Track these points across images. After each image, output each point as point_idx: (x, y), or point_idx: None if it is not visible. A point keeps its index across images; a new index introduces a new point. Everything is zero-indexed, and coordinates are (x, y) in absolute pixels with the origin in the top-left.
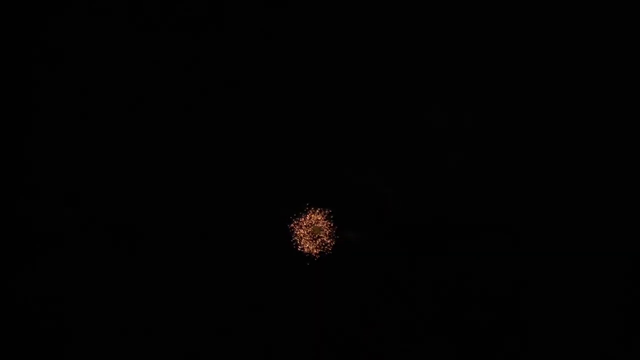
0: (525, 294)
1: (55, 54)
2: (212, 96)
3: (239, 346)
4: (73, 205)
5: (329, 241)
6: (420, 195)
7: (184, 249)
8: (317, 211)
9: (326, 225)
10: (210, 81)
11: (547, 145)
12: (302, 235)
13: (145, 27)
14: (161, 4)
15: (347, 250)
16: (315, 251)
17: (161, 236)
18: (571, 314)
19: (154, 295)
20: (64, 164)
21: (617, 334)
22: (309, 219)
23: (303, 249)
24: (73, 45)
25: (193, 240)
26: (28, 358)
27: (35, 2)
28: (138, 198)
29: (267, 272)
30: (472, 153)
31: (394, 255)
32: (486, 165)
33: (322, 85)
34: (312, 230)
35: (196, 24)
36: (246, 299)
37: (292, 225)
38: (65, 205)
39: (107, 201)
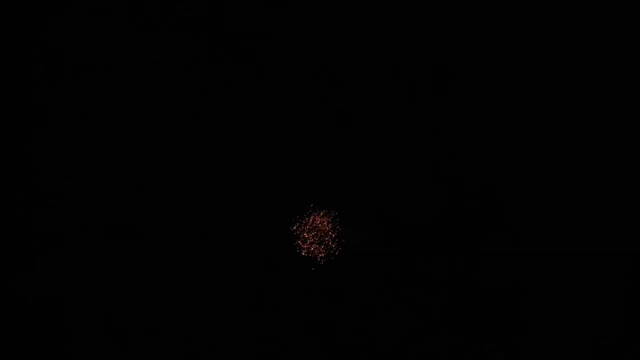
0: (525, 294)
1: (55, 54)
2: (212, 96)
3: (239, 346)
4: (73, 205)
5: (334, 245)
6: (420, 195)
7: (184, 249)
8: (322, 213)
9: (331, 228)
10: (210, 81)
11: (547, 145)
12: (305, 238)
13: (145, 27)
14: (161, 4)
15: (348, 251)
16: (320, 256)
17: (161, 236)
18: (571, 314)
19: (154, 295)
20: (64, 164)
21: (617, 334)
22: (313, 221)
23: (307, 253)
24: (73, 45)
25: (193, 240)
26: (28, 358)
27: (35, 2)
28: (138, 198)
29: (268, 275)
30: (472, 153)
31: (394, 255)
32: (486, 166)
33: (323, 86)
34: (316, 234)
35: (196, 24)
36: (246, 300)
37: (294, 227)
38: (65, 204)
39: (107, 201)
